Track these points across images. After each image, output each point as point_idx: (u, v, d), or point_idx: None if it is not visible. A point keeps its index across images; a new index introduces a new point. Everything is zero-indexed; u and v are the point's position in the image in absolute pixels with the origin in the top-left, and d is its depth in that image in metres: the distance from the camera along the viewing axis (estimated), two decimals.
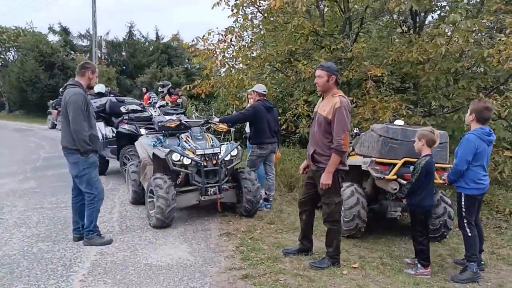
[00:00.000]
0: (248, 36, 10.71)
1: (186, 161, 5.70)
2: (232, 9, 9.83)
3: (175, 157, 5.66)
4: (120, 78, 31.17)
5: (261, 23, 10.07)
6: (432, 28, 8.14)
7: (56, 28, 32.82)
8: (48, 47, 27.56)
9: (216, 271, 4.33)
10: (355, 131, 6.69)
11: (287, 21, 8.92)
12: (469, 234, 4.49)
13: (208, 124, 6.80)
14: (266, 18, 9.53)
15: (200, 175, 5.77)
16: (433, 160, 4.57)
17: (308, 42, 8.77)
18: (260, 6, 9.89)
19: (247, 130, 8.38)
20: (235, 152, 6.13)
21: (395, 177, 5.28)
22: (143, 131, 8.01)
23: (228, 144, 6.25)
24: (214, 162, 5.87)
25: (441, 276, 4.58)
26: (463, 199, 4.48)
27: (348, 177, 5.34)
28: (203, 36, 9.80)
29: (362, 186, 5.87)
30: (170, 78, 26.65)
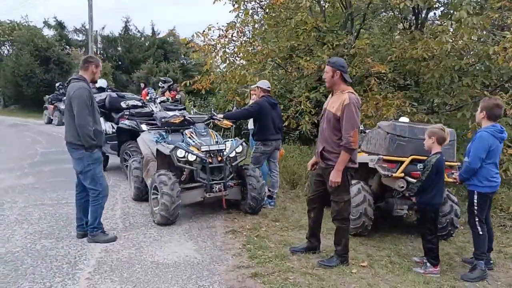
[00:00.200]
0: (249, 32, 10.64)
1: (191, 158, 5.61)
2: (234, 4, 9.78)
3: (180, 154, 5.57)
4: (116, 73, 31.02)
5: (263, 19, 10.00)
6: (436, 25, 8.09)
7: (51, 22, 32.62)
8: (44, 42, 27.29)
9: (224, 270, 4.27)
10: (361, 129, 6.63)
11: (289, 17, 8.84)
12: (480, 233, 4.44)
13: (212, 120, 6.72)
14: (268, 14, 9.44)
15: (205, 172, 5.70)
16: (443, 158, 4.52)
17: (311, 38, 8.69)
18: (262, 1, 9.82)
19: (249, 127, 8.34)
20: (240, 149, 6.06)
21: (403, 175, 5.22)
22: (144, 127, 7.93)
23: (233, 141, 6.18)
24: (219, 159, 5.80)
25: (451, 275, 4.53)
26: (476, 197, 4.42)
27: (355, 175, 5.27)
28: (203, 31, 9.72)
29: (368, 184, 5.82)
30: (167, 74, 26.57)
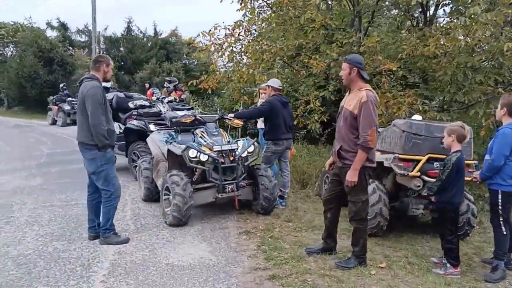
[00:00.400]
0: (256, 31, 10.55)
1: (203, 158, 5.52)
2: (240, 3, 9.69)
3: (192, 154, 5.48)
4: (119, 74, 30.89)
5: (270, 17, 9.90)
6: (447, 22, 7.99)
7: (54, 24, 32.56)
8: (47, 43, 27.24)
9: (241, 272, 4.18)
10: None
11: (297, 15, 8.74)
12: (504, 233, 4.33)
13: (223, 120, 6.63)
14: (276, 12, 9.35)
15: (217, 172, 5.61)
16: (464, 156, 4.43)
17: (319, 36, 8.59)
18: (269, 0, 9.74)
19: (259, 126, 8.25)
20: (252, 149, 5.97)
21: (419, 174, 5.13)
22: (153, 127, 7.86)
23: (245, 140, 6.09)
24: (232, 159, 5.71)
25: (471, 276, 4.43)
26: (500, 197, 4.30)
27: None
28: (209, 31, 9.63)
29: (382, 183, 5.72)
30: (170, 74, 26.44)
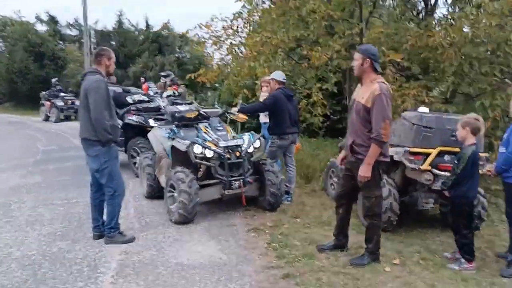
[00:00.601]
0: (255, 22, 10.36)
1: (209, 154, 5.38)
2: None
3: (197, 150, 5.33)
4: None
5: (270, 9, 9.71)
6: (451, 12, 7.88)
7: (44, 17, 32.01)
8: (37, 37, 26.75)
9: (254, 270, 4.07)
10: None
11: (298, 6, 8.57)
12: None
13: (225, 115, 6.48)
14: (276, 4, 9.17)
15: (223, 168, 5.47)
16: (479, 150, 4.33)
17: (321, 28, 8.42)
18: None
19: (261, 121, 8.09)
20: (258, 144, 5.83)
21: (430, 168, 5.03)
22: (152, 122, 7.69)
23: (250, 135, 5.95)
24: (238, 155, 5.57)
25: (487, 271, 4.34)
26: None
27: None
28: (207, 23, 9.44)
29: (391, 177, 5.61)
30: (163, 67, 26.12)
